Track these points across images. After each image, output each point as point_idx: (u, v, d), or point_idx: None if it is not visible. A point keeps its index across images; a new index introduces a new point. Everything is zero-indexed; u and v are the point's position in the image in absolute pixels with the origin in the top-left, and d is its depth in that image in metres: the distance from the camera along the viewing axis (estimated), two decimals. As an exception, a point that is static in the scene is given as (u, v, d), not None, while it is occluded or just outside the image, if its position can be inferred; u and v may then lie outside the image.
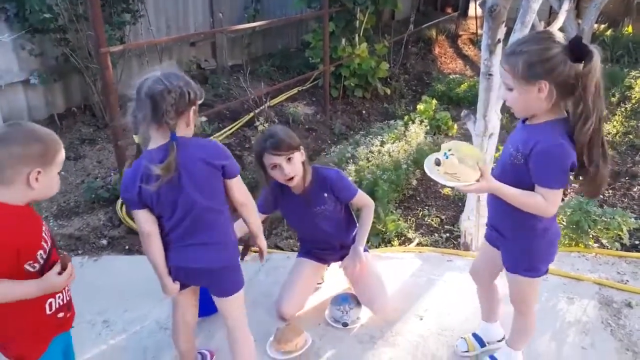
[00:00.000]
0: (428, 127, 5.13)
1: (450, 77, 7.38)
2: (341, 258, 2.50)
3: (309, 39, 6.39)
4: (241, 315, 1.90)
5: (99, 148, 4.52)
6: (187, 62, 6.04)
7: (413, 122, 5.10)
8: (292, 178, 2.22)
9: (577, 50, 1.55)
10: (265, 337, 2.27)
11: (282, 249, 3.18)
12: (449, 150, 1.66)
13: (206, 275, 1.81)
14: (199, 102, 1.72)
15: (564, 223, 3.04)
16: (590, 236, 3.03)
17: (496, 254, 1.95)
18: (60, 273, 1.52)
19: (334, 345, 2.28)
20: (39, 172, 1.48)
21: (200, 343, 2.23)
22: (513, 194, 1.67)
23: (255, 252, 2.03)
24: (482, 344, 2.21)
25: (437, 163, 1.66)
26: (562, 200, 3.87)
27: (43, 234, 1.54)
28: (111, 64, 4.60)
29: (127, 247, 3.23)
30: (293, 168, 2.22)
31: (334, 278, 2.73)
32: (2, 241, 1.42)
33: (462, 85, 6.84)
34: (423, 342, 2.30)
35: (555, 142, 1.59)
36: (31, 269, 1.48)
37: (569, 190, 4.13)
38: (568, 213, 3.03)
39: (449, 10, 12.06)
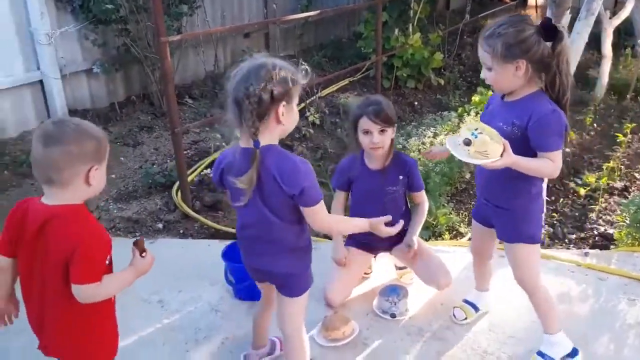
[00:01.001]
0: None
1: (507, 68, 7.14)
2: (391, 247, 2.51)
3: (362, 29, 6.34)
4: (299, 323, 1.86)
5: (156, 135, 4.67)
6: (240, 52, 6.13)
7: (468, 114, 4.98)
8: (378, 148, 2.30)
9: (548, 31, 1.74)
10: (314, 324, 2.28)
11: (330, 239, 3.18)
12: (476, 129, 1.73)
13: (274, 277, 1.81)
14: (303, 83, 1.61)
15: (627, 221, 2.90)
16: (656, 236, 2.88)
17: (488, 232, 2.14)
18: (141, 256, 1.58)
19: (381, 335, 2.28)
20: (96, 169, 1.46)
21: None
22: (528, 163, 1.79)
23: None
24: (476, 309, 2.36)
25: (467, 143, 1.71)
26: (626, 198, 3.69)
27: None
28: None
29: (181, 232, 3.33)
30: (383, 140, 2.29)
31: (382, 268, 2.72)
32: (105, 239, 1.47)
33: (519, 77, 6.61)
34: (473, 337, 2.25)
35: (551, 109, 1.78)
36: (107, 262, 1.49)
37: (633, 188, 3.93)
38: (632, 211, 2.88)
39: (507, -1, 11.65)
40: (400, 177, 2.42)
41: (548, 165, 1.80)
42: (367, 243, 2.55)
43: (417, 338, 2.26)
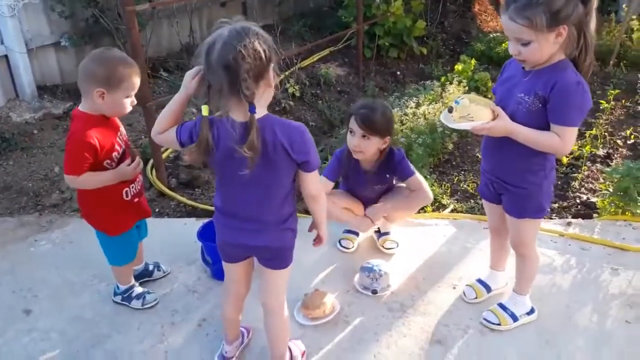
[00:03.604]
0: (467, 88, 4.90)
1: (491, 35, 7.02)
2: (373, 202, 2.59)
3: (342, -3, 6.16)
4: (284, 295, 1.83)
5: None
6: (217, 23, 5.92)
7: (450, 83, 4.88)
8: (359, 152, 2.31)
9: None
10: (294, 303, 2.23)
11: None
12: (459, 97, 1.78)
13: (266, 251, 1.73)
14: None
15: (611, 190, 2.87)
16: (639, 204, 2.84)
17: (499, 208, 2.02)
18: (129, 165, 1.99)
19: (362, 312, 2.23)
20: (102, 92, 1.85)
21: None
22: (529, 133, 1.72)
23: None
24: (488, 289, 2.27)
25: (450, 110, 1.77)
26: (608, 165, 3.66)
27: (118, 140, 2.00)
28: (140, 25, 4.56)
29: (157, 210, 3.22)
30: (364, 145, 2.29)
31: (364, 244, 2.67)
32: (83, 141, 1.86)
33: (503, 45, 6.48)
34: (456, 311, 2.22)
35: (576, 81, 1.66)
36: (108, 167, 1.97)
37: (616, 156, 3.90)
38: (616, 179, 2.84)
39: (491, -36, 11.41)
40: (387, 176, 2.48)
41: (553, 140, 1.69)
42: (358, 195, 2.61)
43: (399, 314, 2.21)
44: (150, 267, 2.47)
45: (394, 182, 2.57)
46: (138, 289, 2.31)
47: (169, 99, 1.65)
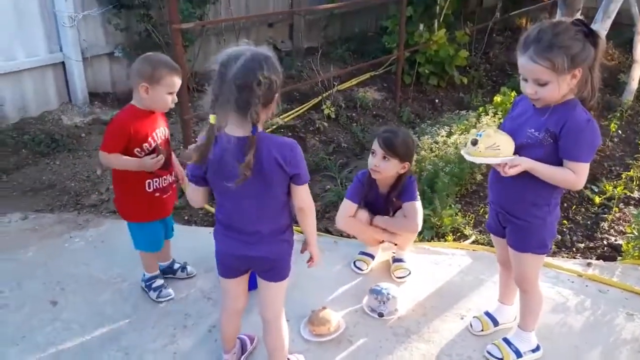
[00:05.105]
0: (501, 120, 4.87)
1: (535, 69, 6.94)
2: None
3: (387, 24, 6.26)
4: (281, 307, 1.88)
5: (172, 122, 4.70)
6: (264, 42, 6.13)
7: (487, 114, 4.86)
8: (377, 171, 2.41)
9: (593, 35, 1.70)
10: (301, 318, 2.29)
11: (330, 233, 3.17)
12: (482, 130, 1.79)
13: (263, 262, 1.79)
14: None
15: (635, 233, 2.80)
16: (665, 250, 2.77)
17: (505, 242, 2.03)
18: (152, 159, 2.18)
19: (367, 334, 2.26)
20: (145, 87, 2.13)
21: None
22: (547, 170, 1.77)
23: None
24: (495, 323, 2.26)
25: (474, 142, 1.78)
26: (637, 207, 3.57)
27: (154, 135, 2.23)
28: (189, 41, 4.80)
29: (186, 218, 3.37)
30: (382, 166, 2.41)
31: (377, 266, 2.70)
32: (121, 126, 2.17)
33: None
34: (460, 342, 2.22)
35: (587, 118, 1.74)
36: (138, 155, 2.20)
37: (652, 199, 3.79)
38: (642, 223, 2.78)
39: (544, -3, 11.28)
40: (394, 200, 2.55)
41: (569, 176, 1.76)
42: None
43: (402, 339, 2.23)
44: (176, 266, 2.62)
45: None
46: (159, 281, 2.48)
47: (208, 113, 1.64)
